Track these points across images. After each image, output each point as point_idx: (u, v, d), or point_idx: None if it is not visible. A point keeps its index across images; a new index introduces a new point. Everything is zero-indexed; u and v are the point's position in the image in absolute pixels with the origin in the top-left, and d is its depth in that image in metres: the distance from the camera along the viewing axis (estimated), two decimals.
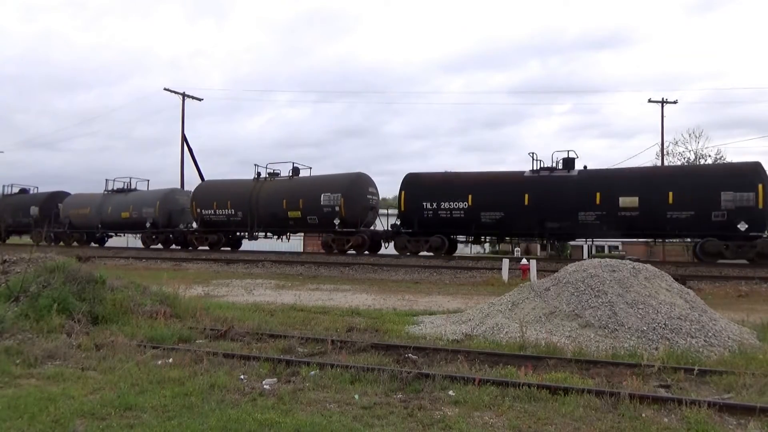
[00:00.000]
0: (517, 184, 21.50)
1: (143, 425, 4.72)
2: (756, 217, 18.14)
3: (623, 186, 20.02)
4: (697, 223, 18.97)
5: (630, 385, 5.79)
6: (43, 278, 9.10)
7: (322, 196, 24.23)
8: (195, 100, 39.70)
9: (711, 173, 20.27)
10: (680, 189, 19.13)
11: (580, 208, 20.23)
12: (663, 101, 37.55)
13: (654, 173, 21.58)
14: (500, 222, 21.62)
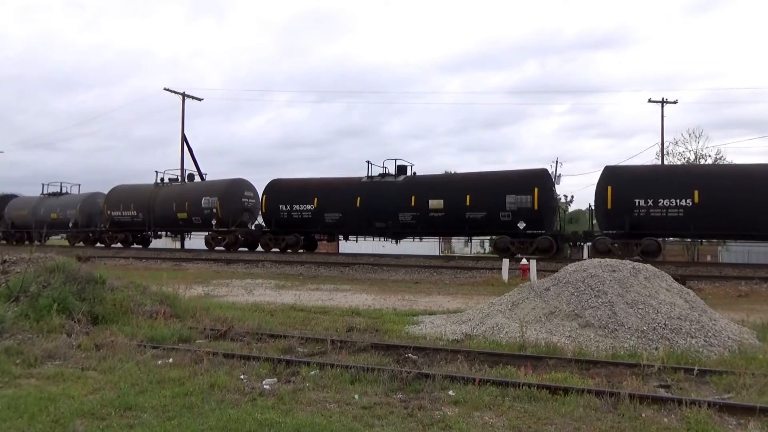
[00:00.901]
0: (353, 189, 24.52)
1: (143, 425, 4.72)
2: (533, 217, 21.02)
3: (433, 190, 23.09)
4: (489, 222, 21.99)
5: (630, 385, 5.79)
6: (43, 278, 9.11)
7: (203, 200, 27.97)
8: (194, 100, 39.70)
9: (499, 178, 22.71)
10: (476, 192, 22.04)
11: (399, 210, 23.21)
12: (663, 101, 37.55)
13: (456, 179, 24.57)
14: (339, 221, 24.77)
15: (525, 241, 21.22)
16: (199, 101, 39.85)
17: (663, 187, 19.35)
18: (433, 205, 22.46)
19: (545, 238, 20.96)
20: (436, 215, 22.54)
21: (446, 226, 23.10)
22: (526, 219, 20.97)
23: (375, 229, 24.14)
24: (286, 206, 25.74)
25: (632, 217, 19.36)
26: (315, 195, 25.19)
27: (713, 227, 19.27)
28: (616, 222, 19.96)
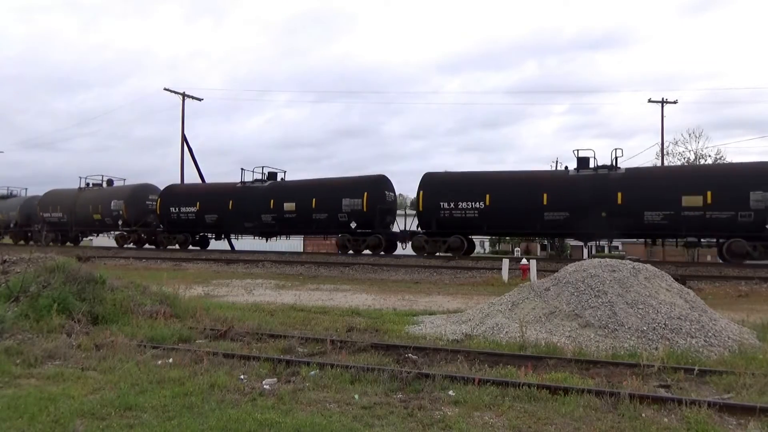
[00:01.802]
0: (227, 193, 27.86)
1: (143, 425, 4.72)
2: (364, 218, 23.97)
3: (288, 195, 26.08)
4: (330, 222, 24.79)
5: (630, 385, 5.79)
6: (43, 278, 9.11)
7: (112, 203, 31.39)
8: (194, 101, 39.69)
9: (338, 184, 25.47)
10: (320, 196, 25.00)
11: (262, 212, 26.26)
12: (663, 101, 37.55)
13: (306, 184, 27.10)
14: (217, 222, 28.27)
15: (359, 238, 24.34)
16: (199, 101, 39.92)
17: (462, 192, 22.39)
18: (287, 208, 25.75)
19: (375, 237, 23.98)
20: (290, 216, 25.86)
21: (298, 226, 26.50)
22: (357, 220, 23.93)
23: (245, 228, 27.83)
24: (175, 209, 29.14)
25: (438, 218, 22.53)
26: (198, 199, 28.71)
27: (501, 225, 22.80)
28: (427, 222, 23.04)
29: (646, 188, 20.07)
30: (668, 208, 19.49)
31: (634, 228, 20.47)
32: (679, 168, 22.13)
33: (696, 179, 19.88)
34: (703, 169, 21.40)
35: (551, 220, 20.97)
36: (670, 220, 19.55)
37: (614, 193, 20.08)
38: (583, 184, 20.89)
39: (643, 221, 19.84)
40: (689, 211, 19.22)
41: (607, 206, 20.06)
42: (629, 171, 21.23)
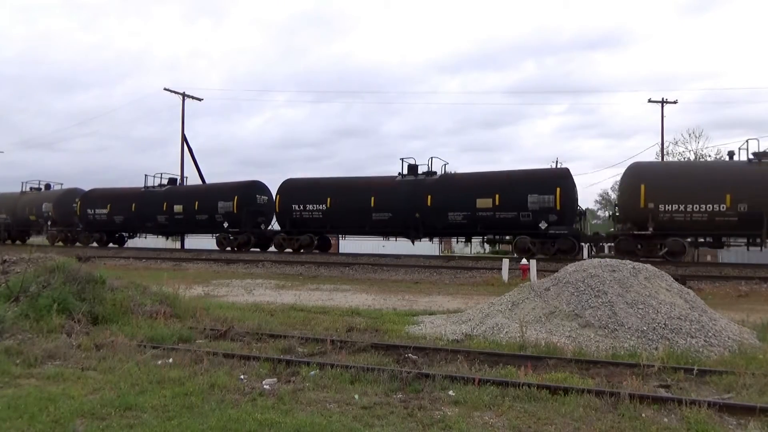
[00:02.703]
0: (132, 197, 31.62)
1: (143, 425, 4.72)
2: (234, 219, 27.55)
3: (177, 198, 29.98)
4: (209, 223, 28.67)
5: (630, 385, 5.79)
6: (43, 278, 9.11)
7: (43, 205, 35.16)
8: (194, 100, 39.70)
9: (214, 189, 30.09)
10: (201, 200, 28.95)
11: (158, 213, 30.08)
12: (663, 101, 37.55)
13: (192, 189, 31.51)
14: (124, 222, 31.93)
15: (226, 236, 28.50)
16: (198, 101, 39.94)
17: (310, 196, 25.65)
18: (176, 210, 29.56)
19: (245, 235, 27.77)
20: (179, 217, 29.70)
21: (186, 226, 30.60)
22: (229, 220, 27.97)
23: (146, 227, 31.84)
24: (92, 211, 32.73)
25: (291, 218, 26.01)
26: (109, 202, 32.26)
27: (340, 225, 25.68)
28: (283, 222, 26.55)
29: (450, 192, 23.14)
30: (467, 209, 22.41)
31: (441, 226, 23.34)
32: (476, 174, 24.28)
33: (487, 184, 22.68)
34: (493, 175, 23.61)
35: (378, 220, 24.08)
36: (468, 220, 22.49)
37: (425, 196, 23.16)
38: (403, 188, 24.00)
39: (447, 220, 22.82)
40: (482, 212, 22.17)
41: (420, 208, 23.16)
42: (440, 177, 24.08)
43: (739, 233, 19.57)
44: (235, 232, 27.80)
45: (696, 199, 19.13)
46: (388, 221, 23.92)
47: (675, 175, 20.66)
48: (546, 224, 21.36)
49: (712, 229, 19.48)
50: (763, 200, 18.33)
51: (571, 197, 21.71)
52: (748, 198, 18.54)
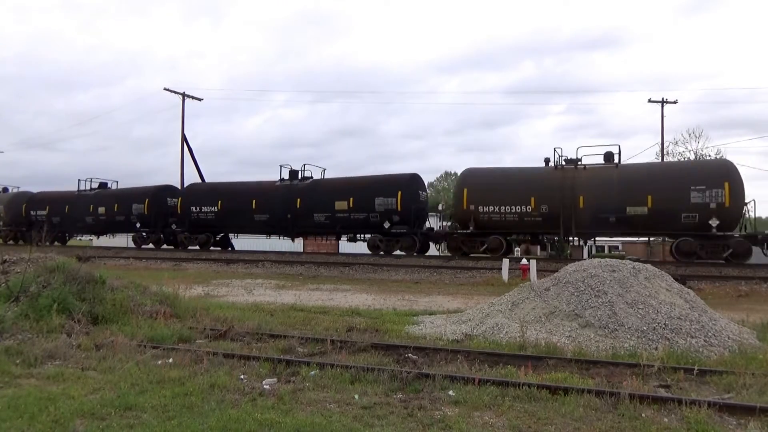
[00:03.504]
0: (65, 200, 34.17)
1: (143, 425, 4.72)
2: (146, 219, 30.48)
3: (102, 201, 32.68)
4: (125, 223, 31.42)
5: (630, 385, 5.79)
6: (43, 278, 9.11)
7: None
8: (194, 100, 39.70)
9: (129, 193, 32.41)
10: (120, 202, 31.71)
11: (87, 214, 32.86)
12: (663, 101, 37.55)
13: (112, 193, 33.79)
14: (60, 222, 34.08)
15: (140, 236, 31.43)
16: (198, 101, 39.94)
17: (206, 199, 28.73)
18: (101, 211, 32.28)
19: (155, 234, 30.71)
20: (102, 218, 32.36)
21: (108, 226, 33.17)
22: (142, 221, 30.61)
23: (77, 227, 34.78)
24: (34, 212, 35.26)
25: (191, 219, 29.00)
26: (47, 204, 34.77)
27: (229, 225, 29.02)
28: (183, 222, 29.51)
29: (315, 196, 25.76)
30: (328, 211, 25.06)
31: (309, 226, 25.99)
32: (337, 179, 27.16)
33: (344, 188, 25.30)
34: (349, 180, 26.27)
35: (258, 220, 27.05)
36: (330, 220, 25.15)
37: (296, 200, 26.02)
38: (279, 192, 26.75)
39: (314, 221, 25.52)
40: (340, 213, 24.78)
41: (292, 210, 25.91)
42: (310, 182, 26.80)
43: (543, 231, 22.10)
44: (147, 231, 30.87)
45: (508, 201, 21.67)
46: (266, 221, 27.04)
47: (492, 180, 22.67)
48: (389, 224, 23.87)
49: (522, 227, 22.13)
50: (559, 202, 20.92)
51: (414, 200, 24.09)
52: (548, 200, 21.14)
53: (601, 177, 20.93)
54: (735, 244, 19.18)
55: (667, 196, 19.70)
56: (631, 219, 20.26)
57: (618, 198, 20.19)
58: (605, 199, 20.33)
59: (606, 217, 20.48)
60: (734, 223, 19.54)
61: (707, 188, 19.20)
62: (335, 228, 25.36)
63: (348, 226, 25.15)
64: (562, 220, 20.89)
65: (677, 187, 19.65)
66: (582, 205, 20.65)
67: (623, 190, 20.26)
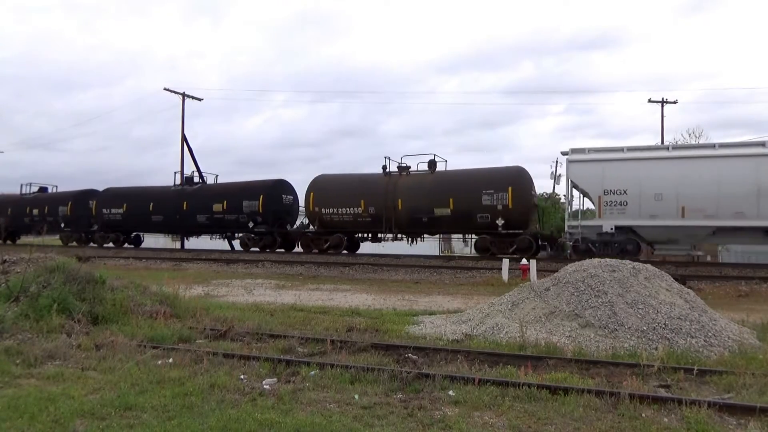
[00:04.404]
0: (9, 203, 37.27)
1: (143, 425, 4.72)
2: (69, 220, 33.90)
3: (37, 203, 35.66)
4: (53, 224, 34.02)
5: (630, 385, 5.79)
6: (43, 278, 9.10)
7: None
8: (194, 100, 39.63)
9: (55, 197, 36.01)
10: (49, 205, 34.97)
11: (24, 215, 35.92)
12: (663, 101, 37.53)
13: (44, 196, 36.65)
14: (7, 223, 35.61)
15: (66, 235, 34.48)
16: (198, 101, 39.88)
17: (114, 202, 32.03)
18: (35, 213, 35.29)
19: (77, 234, 33.78)
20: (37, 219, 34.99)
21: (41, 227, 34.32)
22: (66, 222, 33.97)
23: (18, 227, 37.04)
24: None
25: (103, 220, 32.30)
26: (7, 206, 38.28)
27: (133, 225, 32.33)
28: (99, 223, 32.53)
29: (199, 199, 29.16)
30: (207, 212, 28.54)
31: (194, 226, 29.65)
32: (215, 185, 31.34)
33: (220, 193, 29.05)
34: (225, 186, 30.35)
35: (155, 221, 30.50)
36: (209, 221, 28.78)
37: (183, 202, 29.41)
38: (171, 196, 30.16)
39: (197, 221, 29.03)
40: (217, 215, 28.32)
41: (180, 211, 29.42)
42: (198, 187, 30.63)
43: (372, 230, 25.15)
44: (68, 231, 34.45)
45: (345, 204, 24.59)
46: (161, 222, 30.57)
47: (333, 185, 25.61)
48: (253, 224, 27.31)
49: (357, 227, 25.12)
50: (383, 205, 23.89)
51: (277, 203, 27.59)
52: (375, 203, 24.01)
53: (417, 183, 23.89)
54: (518, 241, 21.80)
55: (465, 199, 22.38)
56: (439, 219, 23.05)
57: (429, 201, 23.07)
58: (419, 202, 23.30)
59: (420, 217, 23.41)
60: (518, 223, 21.96)
61: (495, 192, 21.95)
62: (213, 228, 29.31)
63: (224, 226, 28.98)
64: (384, 220, 23.79)
65: (472, 191, 22.28)
66: (401, 207, 23.62)
67: (433, 194, 23.13)
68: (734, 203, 18.08)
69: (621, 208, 19.57)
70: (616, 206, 19.61)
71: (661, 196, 19.01)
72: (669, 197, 18.87)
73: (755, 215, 17.81)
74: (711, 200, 18.33)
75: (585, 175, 20.27)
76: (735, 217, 18.14)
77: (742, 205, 18.00)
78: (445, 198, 22.66)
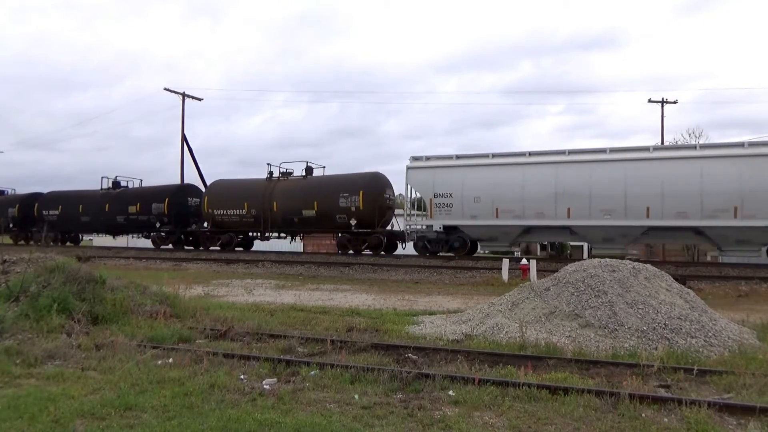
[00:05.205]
0: None
1: (143, 425, 4.72)
2: (18, 221, 36.17)
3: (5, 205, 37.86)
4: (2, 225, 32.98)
5: (630, 385, 5.79)
6: (43, 278, 9.10)
7: None
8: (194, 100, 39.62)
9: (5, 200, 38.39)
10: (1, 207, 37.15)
11: None
12: (663, 101, 37.53)
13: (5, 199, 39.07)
14: None
15: (18, 234, 37.04)
16: (198, 101, 39.88)
17: (53, 204, 34.68)
18: None
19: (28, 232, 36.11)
20: None
21: None
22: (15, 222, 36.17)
23: None
24: None
25: (44, 221, 34.19)
26: None
27: (69, 226, 34.64)
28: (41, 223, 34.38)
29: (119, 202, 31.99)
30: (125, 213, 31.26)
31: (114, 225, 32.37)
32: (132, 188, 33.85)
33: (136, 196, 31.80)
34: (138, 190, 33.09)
35: (84, 221, 33.39)
36: (127, 221, 31.44)
37: (106, 204, 32.17)
38: (97, 199, 32.85)
39: (117, 222, 31.67)
40: (132, 216, 31.03)
41: (104, 213, 32.05)
42: (120, 191, 33.17)
43: (254, 229, 28.02)
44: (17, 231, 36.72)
45: (232, 206, 27.62)
46: (89, 222, 33.55)
47: (223, 190, 28.69)
48: (160, 224, 30.59)
49: (243, 226, 28.00)
50: (261, 207, 26.65)
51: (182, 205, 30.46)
52: (256, 205, 26.89)
53: (291, 187, 26.65)
54: (370, 239, 24.41)
55: (326, 201, 25.01)
56: (307, 219, 25.71)
57: (299, 203, 25.74)
58: (291, 204, 26.01)
59: (292, 218, 26.11)
60: (370, 222, 24.23)
61: (350, 195, 24.42)
62: (130, 227, 32.13)
63: (138, 226, 31.76)
64: (263, 220, 26.69)
65: (332, 195, 24.89)
66: (276, 209, 26.39)
67: (302, 197, 25.81)
68: (537, 205, 20.79)
69: (448, 210, 22.15)
70: (444, 208, 22.19)
71: (479, 199, 21.66)
72: (486, 200, 21.51)
73: (553, 215, 20.47)
74: (518, 203, 21.05)
75: (420, 180, 22.91)
76: (537, 217, 20.84)
77: (543, 206, 20.65)
78: (311, 201, 25.51)
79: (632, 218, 19.51)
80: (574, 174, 20.32)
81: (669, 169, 19.21)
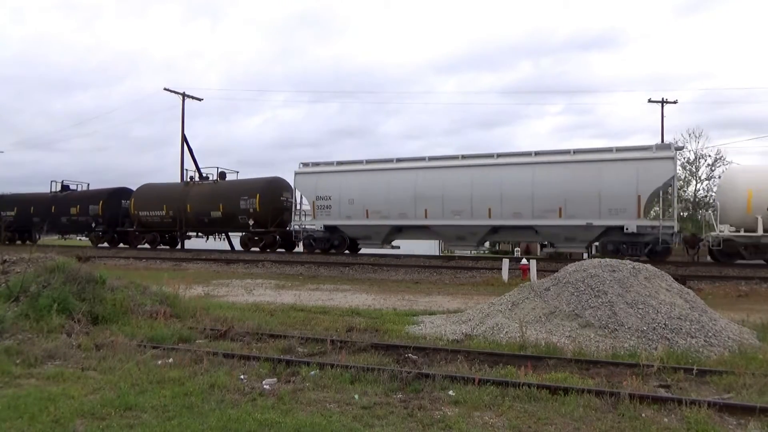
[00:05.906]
0: None
1: (143, 425, 4.72)
2: None
3: None
4: None
5: (630, 385, 5.79)
6: (43, 278, 9.10)
7: None
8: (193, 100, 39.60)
9: None
10: None
11: None
12: (663, 101, 37.52)
13: None
14: None
15: None
16: (198, 101, 39.86)
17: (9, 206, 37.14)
18: None
19: None
20: None
21: None
22: None
23: None
24: None
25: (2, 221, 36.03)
26: None
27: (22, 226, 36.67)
28: None
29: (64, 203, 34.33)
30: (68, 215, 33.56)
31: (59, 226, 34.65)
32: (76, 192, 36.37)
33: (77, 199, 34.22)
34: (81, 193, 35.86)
35: (35, 222, 35.33)
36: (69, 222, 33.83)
37: (52, 206, 34.48)
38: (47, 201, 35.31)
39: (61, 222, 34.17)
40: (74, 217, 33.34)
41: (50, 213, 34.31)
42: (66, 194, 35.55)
43: (173, 229, 30.78)
44: None
45: (154, 208, 30.52)
46: (39, 223, 35.05)
47: (148, 194, 31.31)
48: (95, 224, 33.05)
49: (164, 227, 30.79)
50: (177, 209, 29.62)
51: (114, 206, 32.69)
52: (173, 208, 29.76)
53: (203, 191, 29.66)
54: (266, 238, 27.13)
55: (230, 203, 27.80)
56: (215, 220, 28.59)
57: (208, 206, 28.65)
58: (202, 206, 28.94)
59: (203, 219, 29.05)
60: (265, 223, 26.79)
61: (248, 198, 27.21)
62: (72, 228, 34.81)
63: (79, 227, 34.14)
64: (179, 221, 29.67)
65: (235, 198, 27.74)
66: (189, 210, 29.34)
67: (211, 199, 28.71)
68: (400, 207, 22.86)
69: (327, 211, 24.36)
70: (325, 209, 24.37)
71: (353, 201, 23.76)
72: (358, 202, 23.60)
73: (414, 216, 22.56)
74: (384, 204, 23.14)
75: (305, 184, 25.22)
76: (401, 218, 22.92)
77: (405, 208, 22.73)
78: (218, 203, 28.47)
79: (477, 218, 21.64)
80: (431, 178, 22.48)
81: (507, 173, 21.29)
